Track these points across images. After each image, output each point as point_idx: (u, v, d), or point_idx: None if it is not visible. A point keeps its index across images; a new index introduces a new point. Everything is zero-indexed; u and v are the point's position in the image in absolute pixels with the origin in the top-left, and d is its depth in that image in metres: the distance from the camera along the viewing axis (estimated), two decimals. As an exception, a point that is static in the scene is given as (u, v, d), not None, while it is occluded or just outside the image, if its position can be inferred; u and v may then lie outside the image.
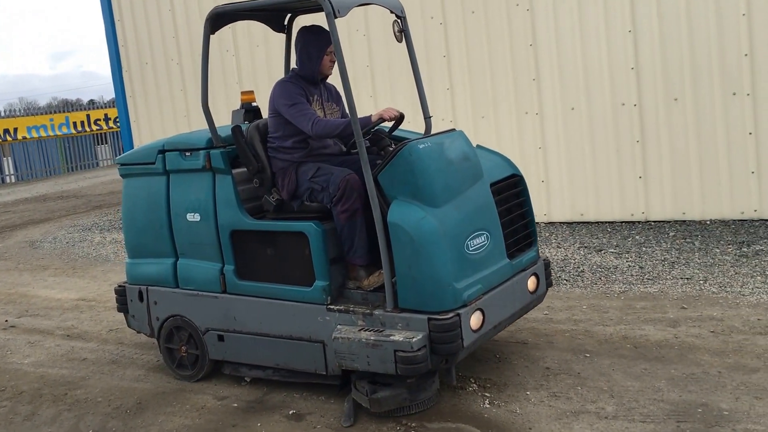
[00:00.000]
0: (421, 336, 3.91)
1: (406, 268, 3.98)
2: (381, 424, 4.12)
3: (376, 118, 4.32)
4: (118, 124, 15.49)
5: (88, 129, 23.56)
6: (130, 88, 11.65)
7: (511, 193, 4.65)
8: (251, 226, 4.58)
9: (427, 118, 4.91)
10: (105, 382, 5.20)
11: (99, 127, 23.92)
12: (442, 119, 8.93)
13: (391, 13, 4.67)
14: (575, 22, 8.23)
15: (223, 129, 4.90)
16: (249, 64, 10.45)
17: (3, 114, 22.05)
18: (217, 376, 4.98)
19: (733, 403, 4.01)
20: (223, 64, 10.55)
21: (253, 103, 5.35)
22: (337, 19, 4.07)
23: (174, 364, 5.08)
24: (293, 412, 4.40)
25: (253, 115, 5.27)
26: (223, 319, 4.76)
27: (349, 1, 4.23)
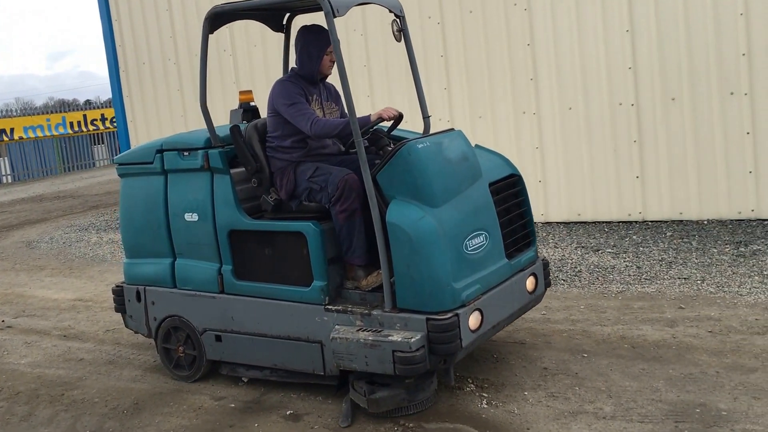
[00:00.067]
0: (419, 336, 3.90)
1: (404, 268, 3.97)
2: (379, 425, 4.11)
3: (375, 117, 4.31)
4: (115, 125, 15.45)
5: (85, 129, 23.50)
6: (127, 88, 11.62)
7: (509, 193, 4.64)
8: (249, 226, 4.57)
9: (426, 118, 4.90)
10: (102, 382, 5.18)
11: (96, 128, 23.87)
12: (440, 119, 8.92)
13: (390, 12, 4.66)
14: (573, 22, 8.24)
15: (220, 129, 4.89)
16: (246, 64, 10.43)
17: (-1, 114, 22.06)
18: (214, 377, 4.97)
19: (731, 403, 4.01)
20: (221, 64, 10.53)
21: (252, 103, 5.34)
22: (336, 18, 4.07)
23: (171, 365, 5.07)
24: (290, 412, 4.39)
25: (251, 115, 5.26)
26: (220, 320, 4.75)
27: (349, 1, 4.22)
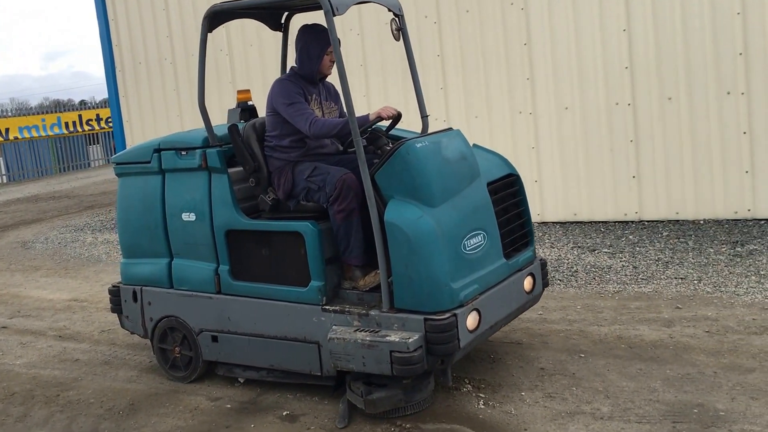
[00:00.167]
0: (417, 336, 3.89)
1: (402, 267, 3.96)
2: (375, 425, 4.10)
3: (374, 116, 4.30)
4: (110, 125, 15.41)
5: (80, 129, 23.45)
6: (123, 88, 11.59)
7: (507, 193, 4.63)
8: (247, 225, 4.55)
9: (424, 117, 4.89)
10: (97, 383, 5.16)
11: (91, 128, 23.82)
12: (436, 118, 8.91)
13: (389, 11, 4.65)
14: (570, 21, 8.23)
15: (218, 128, 4.87)
16: (243, 63, 10.41)
17: (-6, 114, 22.01)
18: (210, 377, 4.95)
19: (729, 403, 4.01)
20: (217, 64, 10.50)
21: (249, 102, 5.33)
22: (335, 17, 4.05)
23: (167, 365, 5.05)
24: (287, 413, 4.38)
25: (249, 114, 5.25)
26: (217, 320, 4.73)
27: (348, -1, 4.21)
